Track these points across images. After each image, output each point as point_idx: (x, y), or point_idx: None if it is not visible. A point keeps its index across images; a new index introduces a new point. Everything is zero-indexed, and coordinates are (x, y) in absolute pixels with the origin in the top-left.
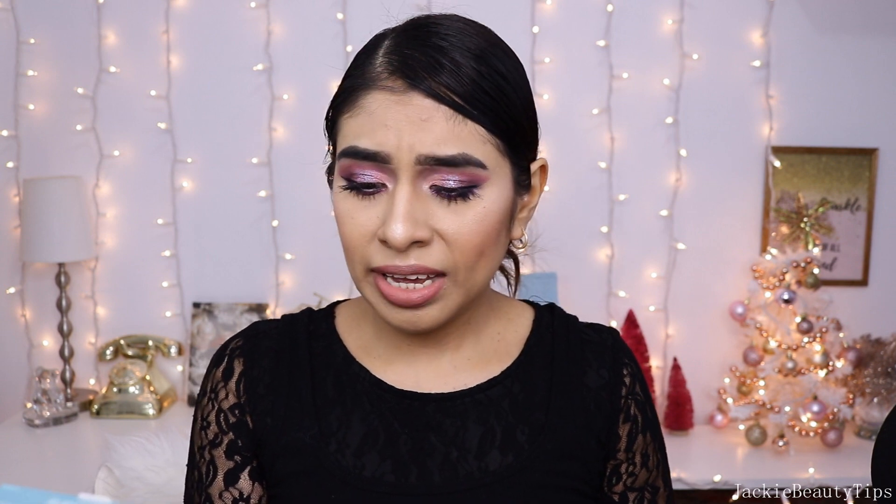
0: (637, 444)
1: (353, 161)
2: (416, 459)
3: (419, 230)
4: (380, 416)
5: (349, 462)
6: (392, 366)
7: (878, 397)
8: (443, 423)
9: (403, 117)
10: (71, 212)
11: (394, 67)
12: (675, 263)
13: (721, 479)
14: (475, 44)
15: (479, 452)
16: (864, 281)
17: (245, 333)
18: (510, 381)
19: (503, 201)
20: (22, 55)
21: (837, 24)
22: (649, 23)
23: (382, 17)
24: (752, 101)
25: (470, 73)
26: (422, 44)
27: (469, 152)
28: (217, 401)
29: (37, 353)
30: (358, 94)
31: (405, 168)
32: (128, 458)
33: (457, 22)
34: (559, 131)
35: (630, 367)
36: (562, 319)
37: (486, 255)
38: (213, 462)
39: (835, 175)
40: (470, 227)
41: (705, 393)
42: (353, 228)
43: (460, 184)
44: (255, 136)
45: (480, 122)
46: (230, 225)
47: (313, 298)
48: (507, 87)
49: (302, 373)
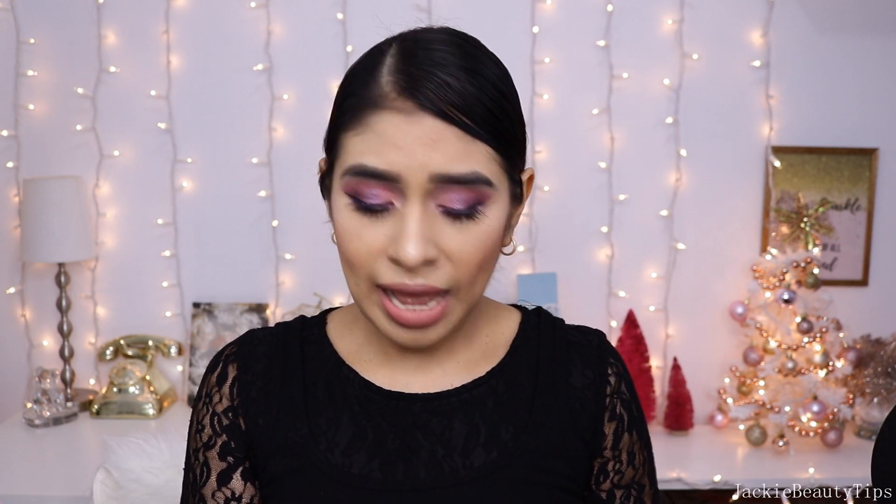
0: (623, 442)
1: (359, 179)
2: (403, 457)
3: (430, 250)
4: (368, 417)
5: (338, 460)
6: (382, 369)
7: (878, 397)
8: (429, 422)
9: (415, 138)
10: (71, 212)
11: (401, 88)
12: (675, 263)
13: (721, 479)
14: (474, 61)
15: (465, 450)
16: (864, 281)
17: (239, 341)
18: (495, 380)
19: (503, 217)
20: (22, 55)
21: (837, 24)
22: (649, 23)
23: (382, 18)
24: (752, 101)
25: (475, 93)
26: (426, 62)
27: (480, 170)
28: (211, 404)
29: (37, 353)
30: (364, 113)
31: (416, 188)
32: (126, 459)
33: (453, 37)
34: (559, 131)
35: (615, 367)
36: (548, 321)
37: (485, 269)
38: (206, 463)
39: (835, 175)
40: (475, 245)
41: (705, 393)
42: (360, 246)
43: (468, 203)
44: (255, 136)
45: (488, 142)
46: (230, 225)
47: (313, 298)
48: (506, 105)
49: (294, 376)
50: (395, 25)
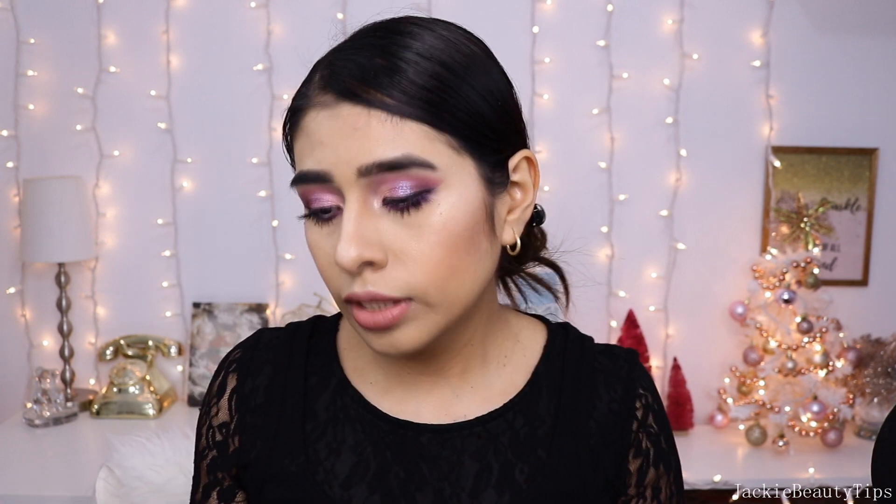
0: (648, 478)
1: (304, 187)
2: (406, 493)
3: (368, 250)
4: (373, 445)
5: (336, 494)
6: (390, 394)
7: (878, 397)
8: (437, 455)
9: (336, 131)
10: (71, 212)
11: (324, 82)
12: (675, 263)
13: (721, 479)
14: (404, 37)
15: (474, 490)
16: (864, 281)
17: (245, 345)
18: (512, 413)
19: (468, 204)
20: (22, 55)
21: (837, 24)
22: (649, 23)
23: (382, 18)
24: (752, 101)
25: (398, 67)
26: (347, 50)
27: (412, 152)
28: (209, 416)
29: (37, 353)
30: (298, 115)
31: (349, 184)
32: (128, 457)
33: (394, 22)
34: (559, 131)
35: (644, 398)
36: (576, 343)
37: (457, 270)
38: (198, 474)
39: (835, 175)
40: (428, 240)
41: (705, 393)
42: (321, 258)
43: (411, 189)
44: (255, 136)
45: (422, 119)
46: (230, 225)
47: (313, 298)
48: (450, 79)
49: (295, 394)
50: None
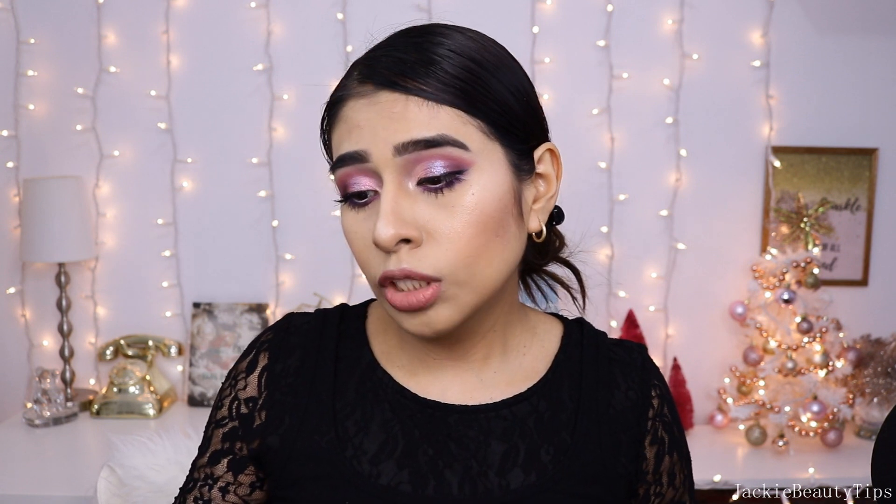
0: (664, 465)
1: (342, 170)
2: (435, 470)
3: (404, 228)
4: (401, 424)
5: (365, 469)
6: (416, 377)
7: (878, 397)
8: (465, 434)
9: (374, 115)
10: (71, 212)
11: (363, 75)
12: (675, 263)
13: (721, 479)
14: (435, 35)
15: (501, 469)
16: (864, 281)
17: (276, 327)
18: (536, 398)
19: (498, 187)
20: (22, 55)
21: (837, 24)
22: (649, 23)
23: (382, 18)
24: (752, 101)
25: (432, 60)
26: (384, 47)
27: (447, 132)
28: (235, 388)
29: (37, 353)
30: (337, 107)
31: (385, 164)
32: (130, 457)
33: (434, 26)
34: (559, 131)
35: (658, 389)
36: (591, 336)
37: (487, 250)
38: (210, 439)
39: (835, 175)
40: (461, 219)
41: (705, 393)
42: (357, 241)
43: (445, 169)
44: (255, 136)
45: (455, 105)
46: (230, 225)
47: (313, 298)
48: (481, 72)
49: (325, 375)
50: (395, 25)
